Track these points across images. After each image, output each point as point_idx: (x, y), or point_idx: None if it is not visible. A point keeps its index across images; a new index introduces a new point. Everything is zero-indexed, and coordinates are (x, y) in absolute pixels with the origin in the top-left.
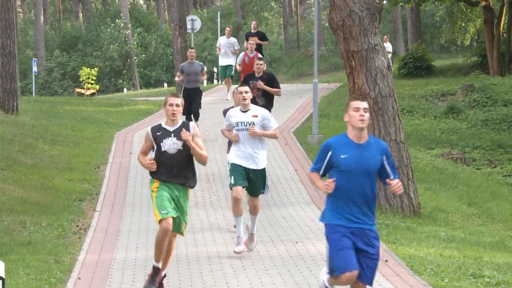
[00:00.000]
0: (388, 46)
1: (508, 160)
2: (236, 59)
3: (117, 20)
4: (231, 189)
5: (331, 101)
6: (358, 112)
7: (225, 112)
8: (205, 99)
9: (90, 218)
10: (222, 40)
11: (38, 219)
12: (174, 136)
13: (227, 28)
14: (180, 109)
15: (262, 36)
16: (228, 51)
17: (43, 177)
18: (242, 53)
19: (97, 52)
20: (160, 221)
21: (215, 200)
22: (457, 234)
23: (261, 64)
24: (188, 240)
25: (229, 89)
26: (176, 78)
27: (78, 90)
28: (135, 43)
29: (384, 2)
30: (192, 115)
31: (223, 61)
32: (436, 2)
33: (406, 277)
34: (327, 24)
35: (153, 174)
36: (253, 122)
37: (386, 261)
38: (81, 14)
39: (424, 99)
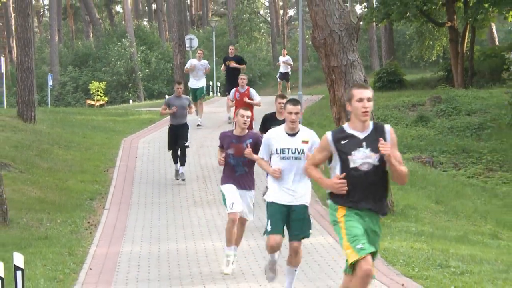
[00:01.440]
0: (288, 59)
1: (471, 163)
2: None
3: (123, 40)
4: (264, 235)
5: (314, 111)
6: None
7: (222, 136)
8: (205, 108)
9: (100, 215)
10: (194, 62)
11: (54, 216)
12: (367, 147)
13: (199, 51)
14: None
15: (239, 60)
16: (200, 73)
17: (58, 179)
18: (233, 89)
19: (105, 68)
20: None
21: (211, 199)
22: (426, 229)
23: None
24: (187, 234)
25: (202, 113)
26: (162, 110)
27: (88, 101)
28: (139, 59)
29: (361, 23)
30: (178, 157)
31: (194, 83)
32: (407, 23)
33: (381, 267)
34: (310, 43)
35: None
36: (303, 150)
37: None
38: (91, 34)
39: (396, 109)
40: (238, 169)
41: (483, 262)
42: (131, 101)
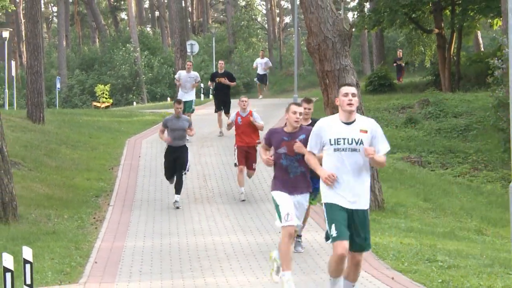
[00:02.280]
0: (267, 62)
1: (457, 163)
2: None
3: (127, 45)
4: (327, 241)
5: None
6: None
7: (271, 133)
8: (201, 111)
9: (105, 211)
10: (182, 74)
11: (61, 212)
12: None
13: (188, 63)
14: None
15: (229, 77)
16: (188, 86)
17: (65, 176)
18: (234, 113)
19: (110, 72)
20: None
21: (210, 196)
22: (415, 225)
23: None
24: (188, 229)
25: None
26: (159, 133)
27: (94, 103)
28: (143, 64)
29: (353, 29)
30: (175, 183)
31: (183, 96)
32: (397, 29)
33: (372, 261)
34: (305, 48)
35: None
36: (362, 141)
37: None
38: (97, 40)
39: (387, 112)
40: (292, 170)
41: (469, 256)
42: (135, 103)
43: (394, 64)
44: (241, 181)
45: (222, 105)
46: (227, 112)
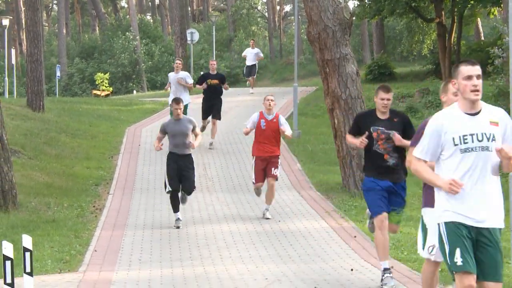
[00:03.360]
0: (258, 52)
1: None
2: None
3: (127, 33)
4: (451, 271)
5: (309, 102)
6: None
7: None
8: (200, 100)
9: (105, 200)
10: (171, 76)
11: (61, 200)
12: None
13: (177, 62)
14: None
15: (222, 79)
16: (179, 88)
17: (65, 165)
18: (257, 114)
19: (110, 60)
20: None
21: (210, 185)
22: (414, 214)
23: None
24: (187, 218)
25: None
26: (155, 142)
27: (94, 92)
28: (143, 52)
29: (353, 18)
30: (181, 196)
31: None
32: (397, 18)
33: (372, 250)
34: (305, 37)
35: None
36: (494, 136)
37: (355, 237)
38: (97, 28)
39: None
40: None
41: None
42: (135, 91)
43: None
44: (266, 197)
45: (211, 109)
46: (217, 118)
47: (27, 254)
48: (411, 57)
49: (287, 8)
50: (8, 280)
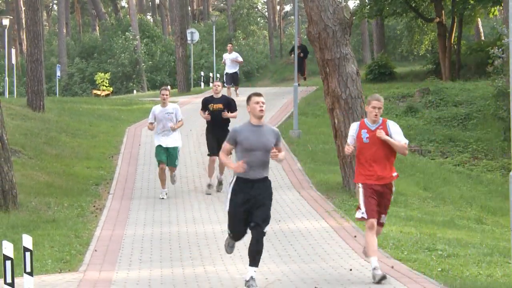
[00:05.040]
0: (237, 56)
1: (457, 151)
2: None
3: (127, 33)
4: None
5: (309, 101)
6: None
7: None
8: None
9: (105, 199)
10: (157, 110)
11: (61, 200)
12: None
13: (163, 93)
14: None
15: (229, 104)
16: (167, 125)
17: (65, 165)
18: (355, 125)
19: (110, 60)
20: None
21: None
22: (415, 214)
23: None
24: (188, 218)
25: (174, 176)
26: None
27: (95, 91)
28: (143, 52)
29: (353, 18)
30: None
31: (161, 140)
32: (398, 18)
33: None
34: (305, 37)
35: None
36: None
37: (355, 236)
38: (97, 28)
39: (387, 100)
40: None
41: (468, 245)
42: (135, 91)
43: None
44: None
45: (218, 144)
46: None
47: (27, 254)
48: (411, 57)
49: (287, 8)
50: (8, 280)
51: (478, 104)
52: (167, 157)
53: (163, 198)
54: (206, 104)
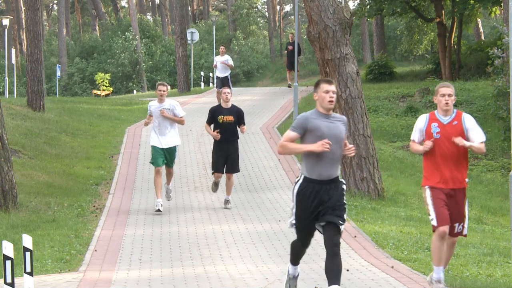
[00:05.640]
0: (228, 59)
1: None
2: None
3: (127, 33)
4: None
5: (309, 101)
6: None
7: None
8: (201, 99)
9: (105, 199)
10: (153, 106)
11: (61, 200)
12: None
13: (160, 88)
14: None
15: (239, 115)
16: (166, 124)
17: (65, 165)
18: (423, 117)
19: (110, 60)
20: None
21: (210, 184)
22: (415, 214)
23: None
24: (188, 218)
25: (171, 181)
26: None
27: (95, 91)
28: (143, 52)
29: (353, 18)
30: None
31: (158, 141)
32: (398, 18)
33: (372, 250)
34: (305, 36)
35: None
36: None
37: (355, 236)
38: (97, 27)
39: (387, 100)
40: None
41: (468, 245)
42: (135, 91)
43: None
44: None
45: (226, 161)
46: (233, 171)
47: (27, 254)
48: (411, 57)
49: (287, 8)
50: (8, 280)
51: (478, 104)
52: (165, 157)
53: (159, 211)
54: (214, 115)
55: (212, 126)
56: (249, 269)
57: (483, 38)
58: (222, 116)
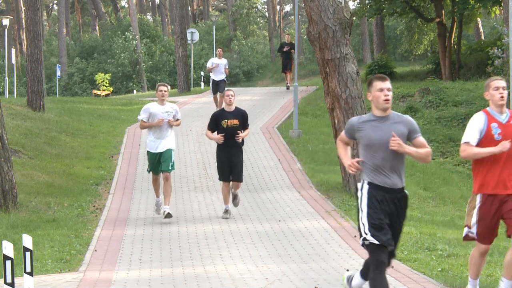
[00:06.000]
0: (225, 64)
1: (457, 151)
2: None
3: (127, 33)
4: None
5: (309, 101)
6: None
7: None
8: (200, 99)
9: (105, 199)
10: (153, 108)
11: (61, 200)
12: None
13: (161, 88)
14: None
15: (244, 118)
16: (165, 128)
17: (65, 165)
18: (479, 118)
19: (110, 60)
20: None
21: (211, 184)
22: (415, 214)
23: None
24: (188, 218)
25: (169, 198)
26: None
27: (95, 91)
28: (143, 52)
29: (354, 18)
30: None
31: (153, 145)
32: (398, 18)
33: None
34: (305, 36)
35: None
36: None
37: (355, 236)
38: (97, 28)
39: None
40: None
41: (468, 245)
42: (135, 91)
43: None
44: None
45: (231, 169)
46: (239, 180)
47: (27, 254)
48: (411, 57)
49: (287, 8)
50: (8, 280)
51: (478, 104)
52: (159, 162)
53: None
54: (217, 120)
55: (215, 133)
56: (249, 269)
57: (483, 38)
58: (227, 121)
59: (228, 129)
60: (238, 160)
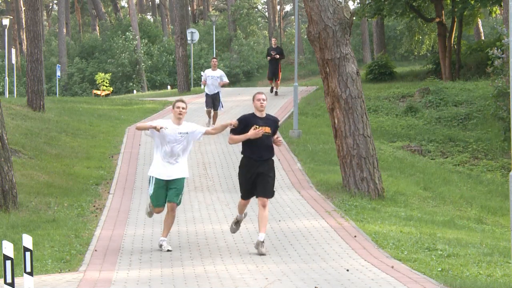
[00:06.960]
0: (222, 75)
1: (457, 151)
2: None
3: (127, 33)
4: None
5: (309, 101)
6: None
7: None
8: (200, 99)
9: (105, 199)
10: (167, 126)
11: (61, 200)
12: None
13: (180, 105)
14: None
15: (276, 129)
16: (179, 153)
17: (65, 165)
18: None
19: (110, 60)
20: None
21: (211, 184)
22: (415, 214)
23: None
24: (188, 218)
25: (169, 230)
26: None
27: (95, 91)
28: (143, 52)
29: (354, 18)
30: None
31: (163, 171)
32: (398, 18)
33: (372, 250)
34: (305, 36)
35: None
36: None
37: (355, 236)
38: (97, 27)
39: (387, 100)
40: None
41: (468, 245)
42: (135, 91)
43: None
44: None
45: (256, 183)
46: (266, 195)
47: (27, 254)
48: (411, 57)
49: (287, 8)
50: (8, 280)
51: (478, 104)
52: (167, 191)
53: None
54: (247, 123)
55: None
56: (249, 269)
57: (483, 38)
58: (257, 127)
59: (259, 137)
60: (267, 172)
